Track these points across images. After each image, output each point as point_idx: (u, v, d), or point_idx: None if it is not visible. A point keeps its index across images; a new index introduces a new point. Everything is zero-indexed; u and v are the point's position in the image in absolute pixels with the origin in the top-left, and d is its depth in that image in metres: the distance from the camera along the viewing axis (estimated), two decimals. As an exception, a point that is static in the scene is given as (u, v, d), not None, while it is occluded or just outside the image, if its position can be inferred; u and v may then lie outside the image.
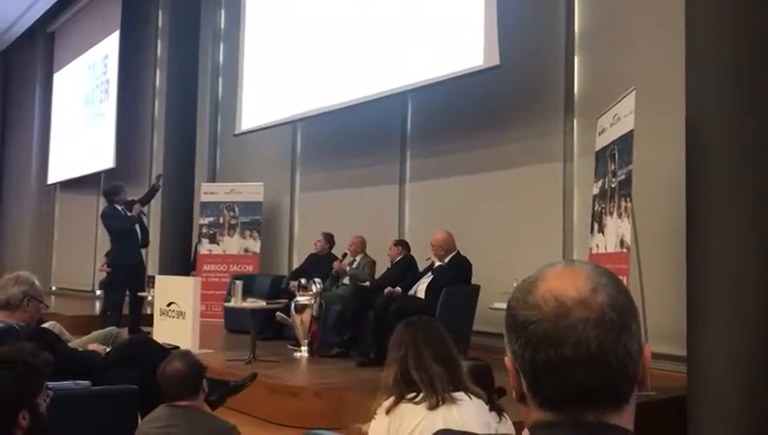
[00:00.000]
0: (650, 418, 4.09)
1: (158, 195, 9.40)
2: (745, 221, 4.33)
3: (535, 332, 0.86)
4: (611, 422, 0.85)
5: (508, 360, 0.92)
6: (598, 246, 5.33)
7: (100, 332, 4.43)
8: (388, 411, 2.19)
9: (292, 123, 9.61)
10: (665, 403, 4.53)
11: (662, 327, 5.06)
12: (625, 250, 4.73)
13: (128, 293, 7.81)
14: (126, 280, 7.74)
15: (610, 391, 0.85)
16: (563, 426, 0.85)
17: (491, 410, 2.53)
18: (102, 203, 8.19)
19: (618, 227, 4.89)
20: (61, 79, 16.18)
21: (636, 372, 0.87)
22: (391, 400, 2.23)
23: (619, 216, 4.86)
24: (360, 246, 7.46)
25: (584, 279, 0.88)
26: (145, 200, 8.19)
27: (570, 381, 0.84)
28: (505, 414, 2.56)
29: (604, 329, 0.84)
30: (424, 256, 6.59)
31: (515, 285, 0.97)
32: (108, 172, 12.90)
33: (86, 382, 2.95)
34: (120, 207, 7.81)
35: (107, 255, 8.85)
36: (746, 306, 4.26)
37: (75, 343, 4.06)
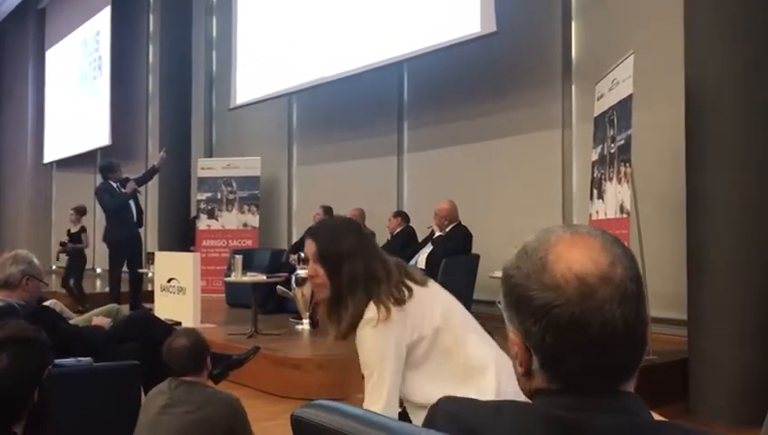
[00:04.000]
0: (651, 382, 4.10)
1: (155, 171, 9.30)
2: (744, 184, 4.31)
3: (560, 316, 0.81)
4: (620, 388, 0.84)
5: (515, 336, 0.88)
6: (597, 212, 5.32)
7: (101, 308, 4.43)
8: (387, 315, 1.90)
9: (287, 96, 9.54)
10: (666, 367, 4.55)
11: (662, 292, 5.07)
12: (625, 215, 4.71)
13: (127, 270, 7.81)
14: (121, 256, 7.71)
15: (630, 364, 0.85)
16: (570, 392, 0.84)
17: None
18: (100, 180, 8.13)
19: (617, 193, 4.87)
20: (53, 56, 16.02)
21: (647, 338, 0.86)
22: (382, 308, 1.94)
23: (619, 181, 4.84)
24: (360, 218, 7.44)
25: (600, 251, 0.84)
26: (142, 180, 8.09)
27: (596, 361, 0.82)
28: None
29: (628, 304, 0.82)
30: (424, 227, 6.58)
31: (515, 250, 0.91)
32: (104, 149, 12.84)
33: (88, 359, 2.95)
34: (114, 184, 7.77)
35: (63, 244, 9.34)
36: (746, 270, 4.27)
37: (77, 320, 4.06)
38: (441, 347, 1.96)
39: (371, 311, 1.93)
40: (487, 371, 1.95)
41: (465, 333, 2.01)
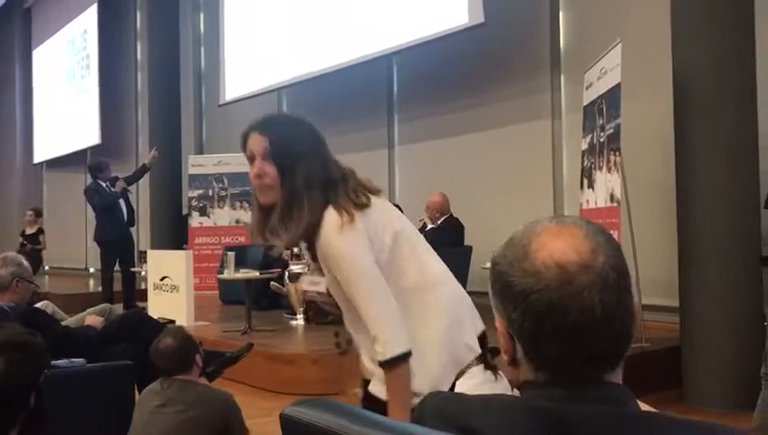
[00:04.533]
0: (645, 368, 4.14)
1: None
2: (734, 171, 4.33)
3: (538, 301, 0.82)
4: (606, 379, 0.84)
5: (500, 324, 0.89)
6: (588, 201, 5.33)
7: (94, 308, 4.41)
8: (351, 219, 1.71)
9: (277, 91, 9.51)
10: (658, 354, 4.58)
11: (654, 279, 5.09)
12: (615, 204, 4.72)
13: (120, 269, 7.79)
14: (113, 256, 7.70)
15: (613, 352, 0.84)
16: (556, 385, 0.84)
17: (485, 368, 2.53)
18: (90, 180, 8.10)
19: (607, 182, 4.88)
20: (40, 56, 15.91)
21: (632, 330, 0.86)
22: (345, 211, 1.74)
23: (609, 170, 4.85)
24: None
25: (582, 239, 0.84)
26: (132, 179, 8.07)
27: (575, 348, 0.82)
28: (501, 373, 2.56)
29: (607, 292, 0.82)
30: (416, 219, 6.57)
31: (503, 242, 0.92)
32: (94, 148, 12.78)
33: (81, 360, 2.94)
34: (104, 184, 7.75)
35: (22, 245, 9.37)
36: (736, 256, 4.29)
37: (69, 321, 4.05)
38: (400, 257, 1.81)
39: (332, 216, 1.72)
40: (444, 284, 1.90)
41: (418, 246, 1.89)
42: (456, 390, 2.39)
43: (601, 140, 5.03)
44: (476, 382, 2.44)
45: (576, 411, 0.80)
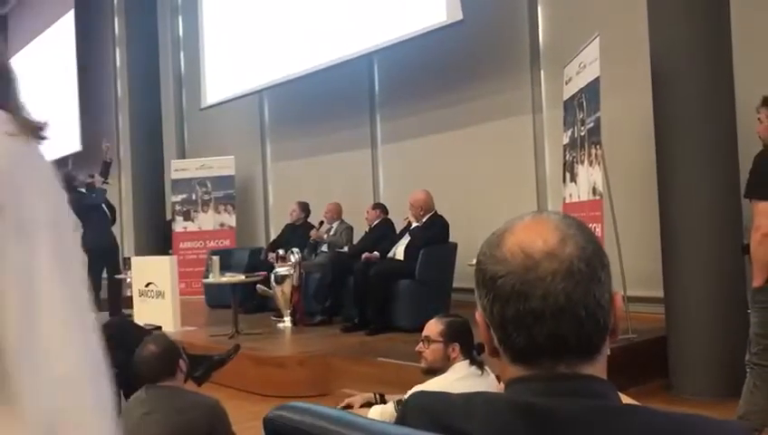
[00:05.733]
0: (631, 360, 4.17)
1: (129, 175, 9.21)
2: (714, 161, 4.37)
3: (504, 286, 0.84)
4: (584, 373, 0.84)
5: (479, 314, 0.91)
6: (571, 195, 5.35)
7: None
8: None
9: (258, 93, 9.48)
10: (645, 345, 4.61)
11: (639, 270, 5.12)
12: (598, 197, 4.75)
13: (106, 276, 7.77)
14: (99, 264, 7.68)
15: (581, 342, 0.84)
16: (537, 379, 0.84)
17: (471, 364, 2.55)
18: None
19: (589, 175, 4.90)
20: (17, 63, 15.72)
21: (607, 322, 0.86)
22: None
23: (590, 163, 4.88)
24: (336, 212, 7.42)
25: (552, 230, 0.86)
26: (104, 175, 8.15)
27: (539, 334, 0.83)
28: (487, 368, 2.58)
29: (573, 281, 0.83)
30: (401, 218, 6.58)
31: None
32: (75, 155, 12.67)
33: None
34: (83, 190, 7.78)
35: None
36: (718, 246, 4.33)
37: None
38: None
39: None
40: None
41: None
42: (440, 383, 2.40)
43: (582, 134, 5.06)
44: (459, 377, 2.46)
45: (557, 406, 0.81)
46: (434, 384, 2.38)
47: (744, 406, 3.12)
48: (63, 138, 13.12)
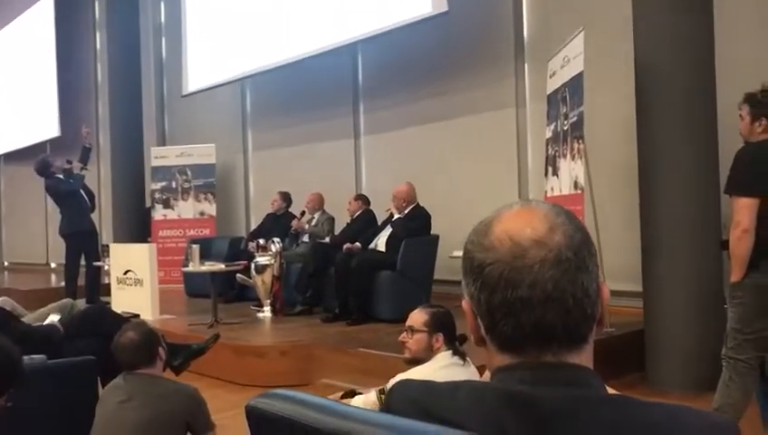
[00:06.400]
0: (610, 353, 4.20)
1: (108, 161, 9.08)
2: (694, 157, 4.40)
3: (491, 274, 0.84)
4: (571, 362, 0.84)
5: (465, 303, 0.90)
6: (553, 188, 5.38)
7: (56, 304, 4.32)
8: None
9: (240, 81, 9.40)
10: (624, 338, 4.65)
11: (619, 264, 5.16)
12: (579, 191, 4.77)
13: (84, 263, 7.68)
14: (78, 250, 7.60)
15: (568, 331, 0.84)
16: (523, 368, 0.84)
17: (453, 354, 2.55)
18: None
19: (571, 169, 4.92)
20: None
21: (594, 312, 0.85)
22: None
23: (573, 157, 4.90)
24: (318, 202, 7.40)
25: (540, 218, 0.86)
26: (83, 161, 8.00)
27: (526, 322, 0.83)
28: (468, 359, 2.58)
29: (560, 269, 0.82)
30: (383, 209, 6.57)
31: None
32: (54, 141, 12.49)
33: (41, 356, 2.88)
34: (60, 176, 7.65)
35: None
36: (697, 240, 4.37)
37: (31, 316, 3.96)
38: None
39: None
40: None
41: None
42: (424, 372, 2.40)
43: (565, 128, 5.08)
44: (442, 365, 2.46)
45: (543, 395, 0.80)
46: (418, 373, 2.38)
47: (719, 399, 3.16)
48: (41, 123, 12.94)
